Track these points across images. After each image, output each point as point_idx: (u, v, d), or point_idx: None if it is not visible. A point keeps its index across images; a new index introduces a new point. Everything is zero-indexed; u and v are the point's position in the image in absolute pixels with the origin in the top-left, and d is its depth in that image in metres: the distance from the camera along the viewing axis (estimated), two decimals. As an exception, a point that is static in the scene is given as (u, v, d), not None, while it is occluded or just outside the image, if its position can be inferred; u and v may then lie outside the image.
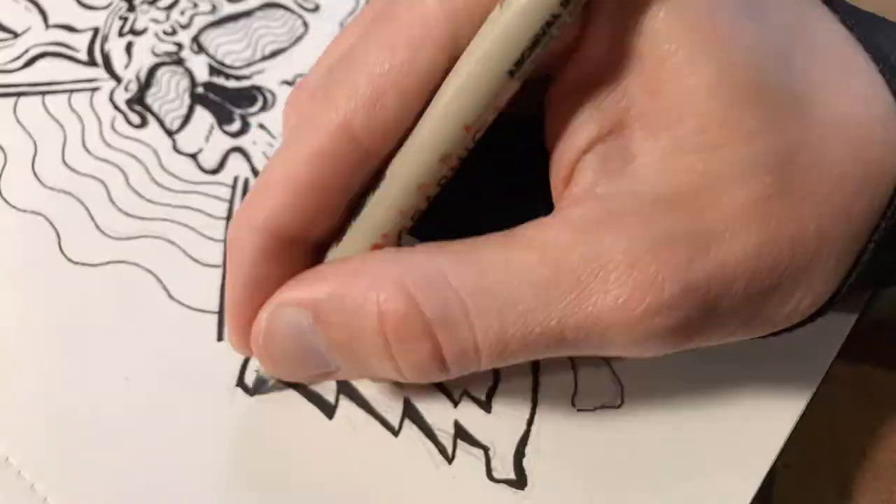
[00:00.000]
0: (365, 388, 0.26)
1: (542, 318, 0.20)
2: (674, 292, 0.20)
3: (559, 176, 0.22)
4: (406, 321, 0.20)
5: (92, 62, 0.32)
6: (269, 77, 0.32)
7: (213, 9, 0.34)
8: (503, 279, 0.20)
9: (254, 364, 0.26)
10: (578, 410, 0.26)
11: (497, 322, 0.20)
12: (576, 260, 0.20)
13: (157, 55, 0.33)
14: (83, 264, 0.28)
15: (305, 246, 0.23)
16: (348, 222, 0.23)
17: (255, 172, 0.30)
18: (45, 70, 0.32)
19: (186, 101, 0.31)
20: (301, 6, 0.34)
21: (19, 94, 0.31)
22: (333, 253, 0.23)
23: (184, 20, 0.34)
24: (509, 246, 0.21)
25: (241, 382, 0.26)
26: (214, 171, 0.30)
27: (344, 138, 0.21)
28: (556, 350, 0.21)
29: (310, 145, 0.21)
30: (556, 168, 0.23)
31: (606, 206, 0.21)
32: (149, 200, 0.29)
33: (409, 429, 0.25)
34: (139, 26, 0.33)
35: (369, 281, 0.21)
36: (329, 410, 0.26)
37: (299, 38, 0.33)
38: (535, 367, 0.26)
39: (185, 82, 0.32)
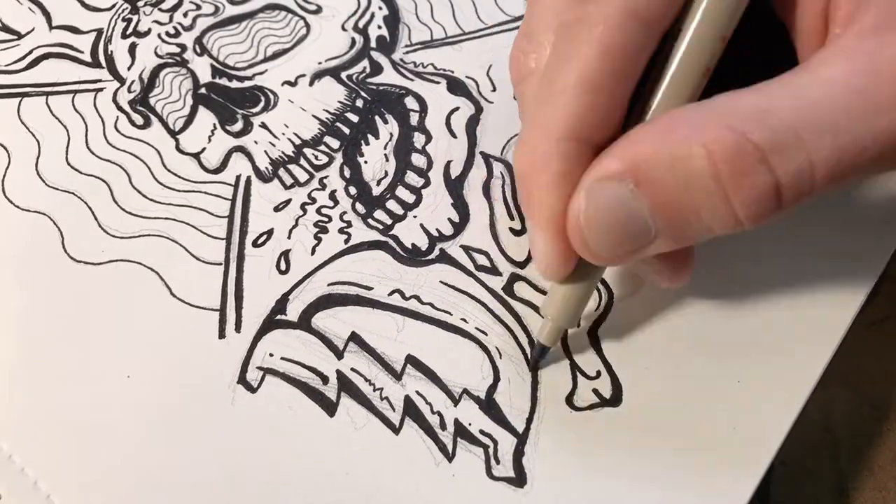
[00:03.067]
0: (365, 386, 0.26)
1: (874, 127, 0.20)
2: None
3: (810, 30, 0.23)
4: (739, 154, 0.20)
5: (95, 63, 0.33)
6: (271, 77, 0.32)
7: (216, 10, 0.34)
8: (823, 98, 0.20)
9: (256, 361, 0.26)
10: (578, 410, 0.26)
11: (830, 138, 0.20)
12: (889, 61, 0.20)
13: (160, 56, 0.33)
14: (86, 263, 0.28)
15: (598, 149, 0.23)
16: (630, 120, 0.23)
17: (257, 172, 0.30)
18: (49, 71, 0.32)
19: (189, 101, 0.32)
20: (303, 7, 0.34)
21: (23, 95, 0.32)
22: None
23: (187, 22, 0.34)
24: (814, 70, 0.21)
25: (242, 379, 0.26)
26: (217, 171, 0.30)
27: (631, 21, 0.21)
28: (891, 162, 0.21)
29: (600, 41, 0.22)
30: (804, 23, 0.23)
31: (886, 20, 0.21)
32: (151, 199, 0.29)
33: (410, 427, 0.25)
34: (142, 28, 0.34)
35: (688, 129, 0.21)
36: (330, 408, 0.26)
37: (301, 40, 0.33)
38: (535, 366, 0.27)
39: (188, 83, 0.32)
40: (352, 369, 0.26)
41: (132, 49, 0.33)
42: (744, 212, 0.21)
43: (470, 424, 0.26)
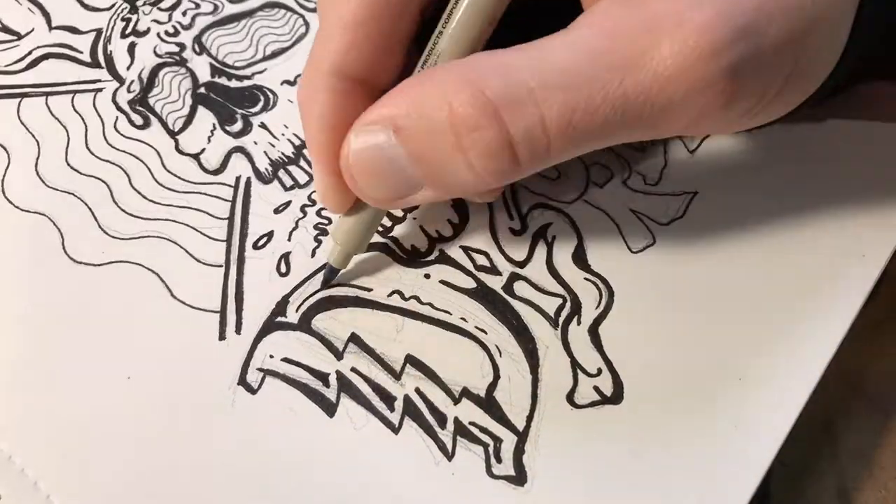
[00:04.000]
0: (365, 387, 0.26)
1: (606, 86, 0.20)
2: (724, 34, 0.20)
3: None
4: (472, 108, 0.21)
5: (95, 63, 0.33)
6: (270, 77, 0.32)
7: (215, 9, 0.34)
8: (562, 57, 0.21)
9: (256, 362, 0.26)
10: (578, 407, 0.26)
11: (561, 96, 0.20)
12: (629, 26, 0.21)
13: (159, 56, 0.33)
14: (86, 264, 0.28)
15: (375, 93, 0.24)
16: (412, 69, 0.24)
17: (257, 172, 0.30)
18: (49, 71, 0.32)
19: (188, 101, 0.32)
20: (302, 6, 0.34)
21: (23, 95, 0.32)
22: None
23: (186, 21, 0.34)
24: (565, 33, 0.21)
25: (242, 381, 0.26)
26: (216, 171, 0.30)
27: None
28: (622, 126, 0.21)
29: None
30: None
31: None
32: (151, 200, 0.29)
33: (410, 426, 0.26)
34: (142, 27, 0.33)
35: (438, 83, 0.21)
36: (330, 408, 0.26)
37: (301, 38, 0.33)
38: (535, 365, 0.27)
39: (188, 83, 0.32)
40: (352, 370, 0.26)
41: (131, 49, 0.33)
42: (481, 166, 0.22)
43: (470, 423, 0.26)
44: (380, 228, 0.29)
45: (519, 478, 0.25)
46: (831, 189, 0.29)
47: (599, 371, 0.26)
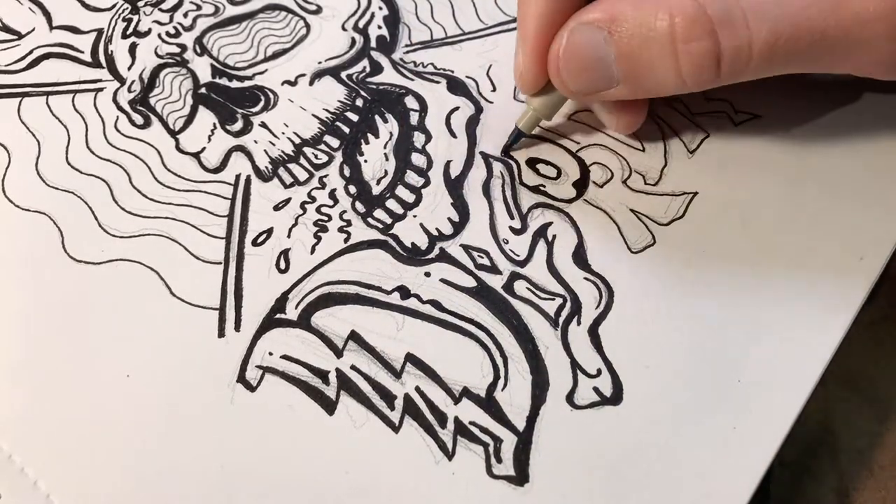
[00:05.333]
0: (364, 385, 0.26)
1: (811, 19, 0.24)
2: None
3: None
4: (694, 21, 0.24)
5: (96, 63, 0.33)
6: (271, 77, 0.32)
7: (216, 10, 0.34)
8: None
9: (255, 360, 0.26)
10: (578, 408, 0.26)
11: (771, 23, 0.24)
12: None
13: (160, 56, 0.33)
14: (86, 262, 0.28)
15: None
16: None
17: (257, 171, 0.30)
18: (50, 71, 0.32)
19: (189, 101, 0.32)
20: (303, 8, 0.34)
21: (23, 95, 0.32)
22: None
23: (187, 22, 0.34)
24: None
25: (241, 378, 0.26)
26: (216, 170, 0.30)
27: None
28: (813, 57, 0.25)
29: None
30: None
31: None
32: (151, 199, 0.29)
33: (410, 425, 0.25)
34: (143, 28, 0.34)
35: None
36: (330, 407, 0.26)
37: (301, 39, 0.34)
38: (535, 365, 0.26)
39: (188, 83, 0.32)
40: (351, 368, 0.26)
41: (132, 49, 0.33)
42: (687, 71, 0.25)
43: (470, 423, 0.26)
44: (380, 226, 0.29)
45: (519, 478, 0.25)
46: (831, 189, 0.29)
47: (599, 372, 0.26)
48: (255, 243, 0.28)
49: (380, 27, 0.34)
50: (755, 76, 0.26)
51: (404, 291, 0.28)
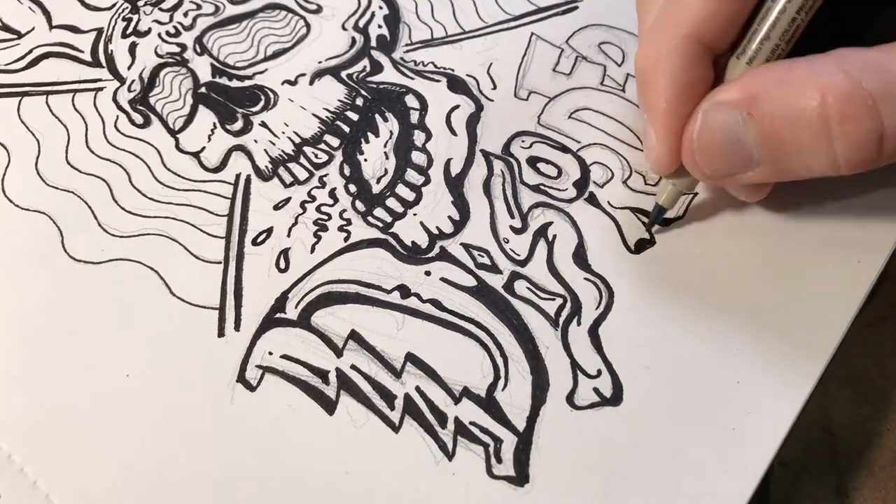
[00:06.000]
0: (364, 385, 0.26)
1: None
2: None
3: None
4: (851, 99, 0.22)
5: (96, 63, 0.33)
6: (271, 77, 0.32)
7: (216, 10, 0.34)
8: None
9: (255, 359, 0.26)
10: (578, 408, 0.26)
11: None
12: None
13: (160, 56, 0.33)
14: (86, 262, 0.28)
15: (713, 57, 0.25)
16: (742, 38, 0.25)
17: (257, 170, 0.30)
18: (49, 70, 0.32)
19: (189, 100, 0.32)
20: (303, 7, 0.34)
21: (23, 94, 0.32)
22: (733, 63, 0.25)
23: (187, 21, 0.34)
24: None
25: (241, 378, 0.26)
26: (216, 170, 0.30)
27: None
28: None
29: None
30: None
31: None
32: (151, 198, 0.29)
33: (410, 425, 0.25)
34: (143, 27, 0.34)
35: (806, 72, 0.22)
36: (330, 406, 0.26)
37: (301, 39, 0.34)
38: (535, 366, 0.26)
39: (188, 82, 0.32)
40: (351, 367, 0.26)
41: (132, 48, 0.33)
42: (844, 156, 0.23)
43: (470, 423, 0.26)
44: (380, 225, 0.29)
45: (519, 478, 0.25)
46: (831, 189, 0.29)
47: (599, 372, 0.26)
48: (254, 243, 0.28)
49: (380, 26, 0.34)
50: None
51: (404, 290, 0.28)
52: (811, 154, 0.23)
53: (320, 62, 0.33)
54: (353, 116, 0.31)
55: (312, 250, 0.28)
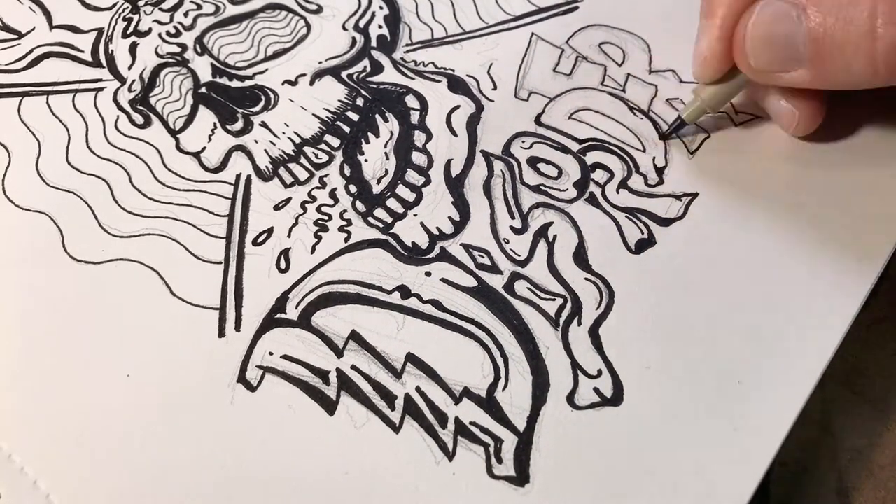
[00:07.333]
0: (365, 385, 0.26)
1: None
2: None
3: None
4: None
5: (96, 63, 0.33)
6: (271, 77, 0.32)
7: (217, 10, 0.34)
8: None
9: (255, 359, 0.26)
10: (578, 409, 0.26)
11: None
12: None
13: (160, 56, 0.33)
14: (86, 262, 0.28)
15: None
16: None
17: (258, 170, 0.30)
18: (50, 70, 0.32)
19: (189, 100, 0.32)
20: (303, 7, 0.34)
21: (24, 94, 0.32)
22: None
23: (187, 21, 0.34)
24: None
25: (241, 378, 0.26)
26: (217, 170, 0.30)
27: None
28: None
29: None
30: None
31: None
32: (152, 199, 0.29)
33: (410, 425, 0.25)
34: (143, 27, 0.34)
35: None
36: (330, 407, 0.26)
37: (302, 39, 0.34)
38: (536, 366, 0.26)
39: (189, 82, 0.32)
40: (352, 367, 0.26)
41: (133, 48, 0.33)
42: (883, 57, 0.24)
43: (471, 423, 0.26)
44: (380, 225, 0.29)
45: (519, 478, 0.25)
46: (831, 189, 0.29)
47: (599, 372, 0.26)
48: (255, 243, 0.28)
49: (380, 26, 0.34)
50: None
51: (405, 291, 0.28)
52: (852, 54, 0.25)
53: (321, 62, 0.33)
54: (354, 117, 0.31)
55: (313, 251, 0.28)
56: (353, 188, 0.30)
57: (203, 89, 0.32)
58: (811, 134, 0.30)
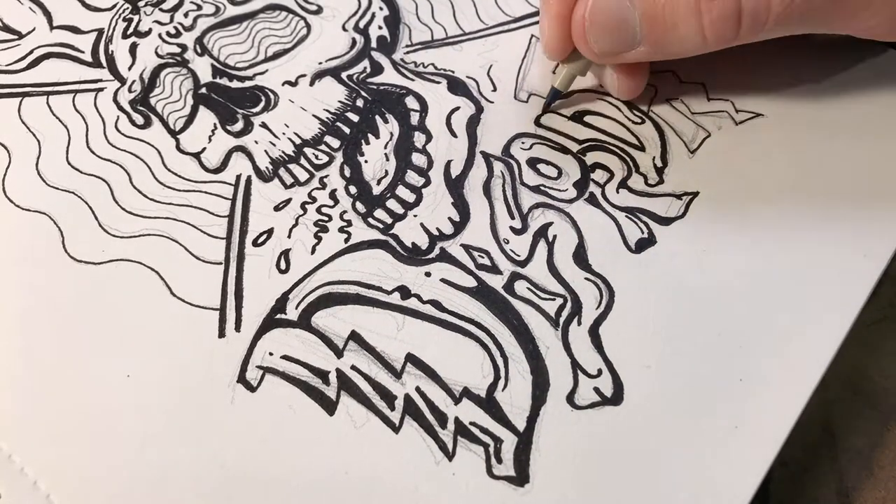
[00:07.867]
0: (365, 385, 0.26)
1: None
2: None
3: None
4: None
5: (96, 63, 0.33)
6: (271, 77, 0.32)
7: (217, 10, 0.34)
8: None
9: (255, 360, 0.26)
10: (579, 408, 0.26)
11: None
12: None
13: (160, 56, 0.33)
14: (86, 262, 0.28)
15: None
16: None
17: (258, 171, 0.30)
18: (50, 71, 0.32)
19: (189, 101, 0.32)
20: (303, 8, 0.34)
21: (24, 95, 0.32)
22: None
23: (187, 22, 0.34)
24: None
25: (241, 379, 0.26)
26: (217, 170, 0.30)
27: None
28: (825, 16, 0.27)
29: None
30: None
31: None
32: (152, 199, 0.29)
33: (410, 425, 0.25)
34: (143, 28, 0.34)
35: None
36: (330, 407, 0.26)
37: (302, 40, 0.34)
38: (536, 366, 0.26)
39: (189, 83, 0.32)
40: (352, 368, 0.26)
41: (133, 49, 0.33)
42: (710, 30, 0.27)
43: (470, 423, 0.26)
44: (380, 226, 0.29)
45: (519, 478, 0.25)
46: (832, 189, 0.29)
47: (600, 372, 0.26)
48: (255, 243, 0.29)
49: (380, 27, 0.34)
50: (769, 35, 0.27)
51: (405, 291, 0.28)
52: (684, 29, 0.27)
53: (321, 63, 0.33)
54: (354, 117, 0.31)
55: (313, 251, 0.28)
56: (353, 189, 0.30)
57: (203, 90, 0.32)
58: (811, 134, 0.30)
